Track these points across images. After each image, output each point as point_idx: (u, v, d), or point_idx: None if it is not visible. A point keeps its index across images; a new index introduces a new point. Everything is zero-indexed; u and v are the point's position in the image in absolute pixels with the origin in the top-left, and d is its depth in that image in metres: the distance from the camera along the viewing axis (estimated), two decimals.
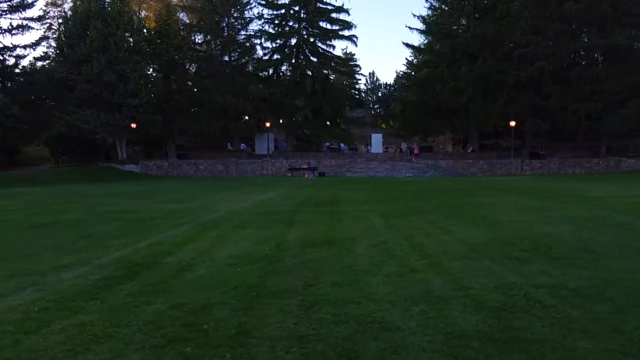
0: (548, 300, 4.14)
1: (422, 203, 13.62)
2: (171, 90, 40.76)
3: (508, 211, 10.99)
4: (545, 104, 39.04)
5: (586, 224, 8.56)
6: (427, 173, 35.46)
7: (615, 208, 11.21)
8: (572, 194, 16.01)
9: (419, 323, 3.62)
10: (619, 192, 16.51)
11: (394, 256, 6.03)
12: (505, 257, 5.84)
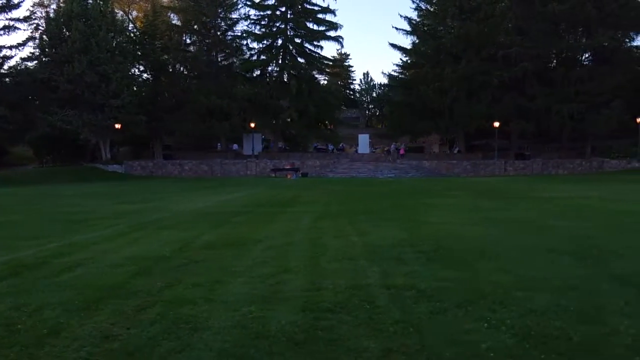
0: (383, 300, 4.23)
1: (374, 204, 13.72)
2: (157, 91, 40.89)
3: (449, 212, 11.08)
4: (529, 105, 39.08)
5: (511, 226, 8.66)
6: (409, 174, 35.53)
7: (554, 210, 11.30)
8: (531, 195, 16.09)
9: (234, 323, 3.71)
10: (577, 193, 16.59)
11: (281, 257, 6.13)
12: (391, 259, 5.93)
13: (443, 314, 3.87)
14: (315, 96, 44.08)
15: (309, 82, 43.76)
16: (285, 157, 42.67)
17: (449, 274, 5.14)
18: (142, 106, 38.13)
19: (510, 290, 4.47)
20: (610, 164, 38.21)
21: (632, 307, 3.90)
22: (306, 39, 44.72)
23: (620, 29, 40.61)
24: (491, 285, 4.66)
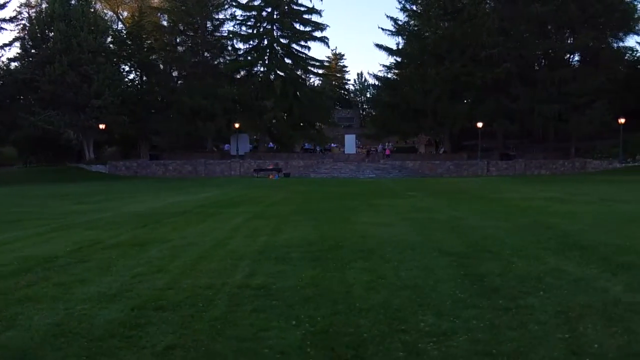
0: (220, 300, 4.35)
1: (324, 204, 13.82)
2: (142, 91, 41.04)
3: (384, 213, 11.17)
4: (512, 106, 39.13)
5: (425, 226, 8.77)
6: (390, 174, 35.64)
7: (488, 211, 11.39)
8: (487, 196, 16.15)
9: (57, 321, 3.84)
10: (538, 194, 16.65)
11: (169, 257, 6.25)
12: (274, 259, 6.03)
13: (232, 312, 3.98)
14: (301, 97, 44.24)
15: (294, 82, 43.88)
16: (272, 157, 42.77)
17: (315, 273, 5.26)
18: (126, 106, 38.32)
19: (352, 290, 4.59)
20: (592, 165, 38.28)
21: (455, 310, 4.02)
22: (292, 39, 44.83)
23: (603, 30, 40.64)
24: (342, 286, 4.78)
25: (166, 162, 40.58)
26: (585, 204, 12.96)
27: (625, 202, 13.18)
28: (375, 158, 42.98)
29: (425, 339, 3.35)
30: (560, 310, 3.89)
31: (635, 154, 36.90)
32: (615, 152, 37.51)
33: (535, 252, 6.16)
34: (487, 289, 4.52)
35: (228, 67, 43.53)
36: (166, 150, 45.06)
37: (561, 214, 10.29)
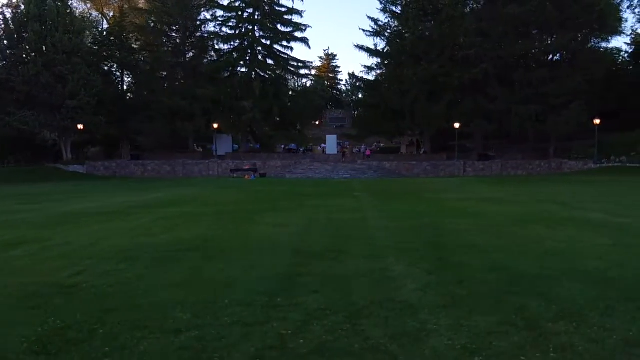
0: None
1: (259, 205, 13.94)
2: (121, 92, 41.18)
3: (300, 214, 11.25)
4: (490, 106, 39.22)
5: (321, 226, 8.90)
6: (365, 175, 35.74)
7: (406, 211, 11.52)
8: (428, 196, 16.21)
9: None
10: (478, 194, 16.78)
11: (29, 256, 6.41)
12: (125, 259, 6.16)
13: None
14: (282, 97, 44.38)
15: (275, 83, 43.99)
16: (252, 157, 42.83)
17: (139, 272, 5.40)
18: (104, 107, 38.53)
19: (149, 289, 4.73)
20: (568, 165, 38.38)
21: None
22: (272, 40, 44.96)
23: (581, 31, 40.68)
24: (141, 282, 4.93)
25: (145, 163, 40.74)
26: (515, 205, 13.06)
27: (557, 203, 13.28)
28: (355, 158, 43.11)
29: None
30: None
31: (610, 155, 37.02)
32: (591, 153, 37.60)
33: (379, 251, 6.30)
34: (279, 288, 4.64)
35: (208, 68, 43.66)
36: (149, 150, 45.27)
37: (470, 215, 10.42)
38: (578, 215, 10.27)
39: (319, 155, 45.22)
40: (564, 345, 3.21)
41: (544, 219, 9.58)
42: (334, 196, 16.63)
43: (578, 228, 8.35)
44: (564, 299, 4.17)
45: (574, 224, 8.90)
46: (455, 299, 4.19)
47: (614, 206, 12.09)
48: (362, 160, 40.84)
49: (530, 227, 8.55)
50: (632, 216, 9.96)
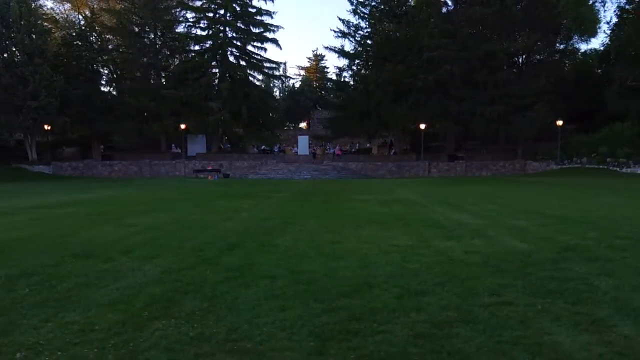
0: None
1: (163, 205, 14.08)
2: (89, 92, 41.34)
3: (177, 214, 11.41)
4: (454, 107, 39.33)
5: (153, 227, 9.04)
6: (327, 175, 35.88)
7: (277, 212, 11.66)
8: (340, 197, 16.35)
9: None
10: (402, 195, 16.90)
11: None
12: None
13: None
14: (252, 98, 44.48)
15: (244, 84, 44.13)
16: (222, 158, 42.95)
17: None
18: (71, 107, 38.75)
19: None
20: (532, 166, 38.53)
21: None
22: (242, 41, 45.13)
23: (546, 33, 40.75)
24: None
25: (112, 163, 40.97)
26: (402, 205, 13.14)
27: (444, 203, 13.42)
28: (325, 159, 43.24)
29: None
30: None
31: (573, 156, 37.15)
32: (554, 154, 37.73)
33: (151, 251, 6.45)
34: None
35: (177, 69, 43.83)
36: (123, 150, 45.38)
37: (336, 215, 10.57)
38: (431, 216, 10.42)
39: (289, 156, 45.35)
40: None
41: (398, 219, 9.72)
42: (252, 197, 16.70)
43: (406, 228, 8.49)
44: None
45: (412, 224, 9.05)
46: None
47: (479, 207, 12.18)
48: (328, 161, 40.96)
49: (368, 226, 8.70)
50: (481, 217, 10.11)
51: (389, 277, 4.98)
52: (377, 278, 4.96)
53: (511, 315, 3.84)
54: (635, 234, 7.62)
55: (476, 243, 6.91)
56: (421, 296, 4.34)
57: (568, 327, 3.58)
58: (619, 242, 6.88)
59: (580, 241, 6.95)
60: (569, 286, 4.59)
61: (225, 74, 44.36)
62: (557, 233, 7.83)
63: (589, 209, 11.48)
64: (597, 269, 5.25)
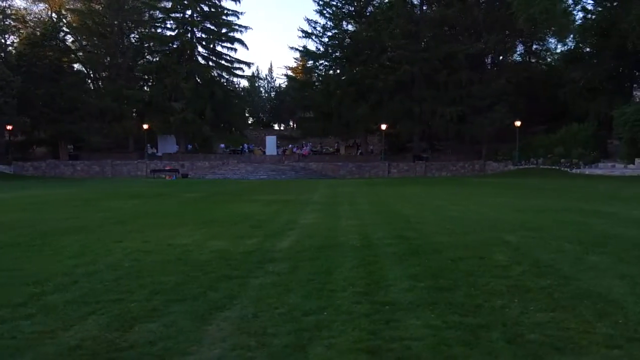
0: None
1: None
2: (53, 93, 41.36)
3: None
4: (416, 108, 39.40)
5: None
6: (284, 175, 35.94)
7: (171, 209, 11.75)
8: (247, 197, 16.45)
9: None
10: (295, 196, 17.00)
11: None
12: None
13: None
14: (218, 98, 44.52)
15: (208, 84, 44.17)
16: (189, 158, 42.97)
17: None
18: (34, 108, 38.80)
19: None
20: (492, 167, 38.63)
21: None
22: (207, 42, 45.24)
23: (507, 34, 40.90)
24: None
25: (75, 163, 41.03)
26: (281, 204, 13.26)
27: (333, 205, 13.52)
28: (291, 159, 43.28)
29: None
30: None
31: (530, 157, 37.23)
32: (513, 155, 37.82)
33: None
34: None
35: (143, 69, 43.90)
36: (93, 151, 45.27)
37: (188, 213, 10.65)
38: (283, 216, 10.51)
39: (256, 156, 45.35)
40: None
41: (245, 218, 9.81)
42: (140, 197, 16.63)
43: (226, 227, 8.58)
44: None
45: (242, 222, 9.14)
46: None
47: (354, 207, 12.28)
48: (289, 161, 41.04)
49: (193, 226, 8.79)
50: (337, 216, 10.20)
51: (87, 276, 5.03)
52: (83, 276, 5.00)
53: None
54: (423, 232, 7.70)
55: (249, 242, 6.97)
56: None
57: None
58: (389, 241, 6.96)
59: (361, 239, 7.04)
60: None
61: (191, 74, 44.35)
62: (362, 229, 7.96)
63: (466, 210, 11.47)
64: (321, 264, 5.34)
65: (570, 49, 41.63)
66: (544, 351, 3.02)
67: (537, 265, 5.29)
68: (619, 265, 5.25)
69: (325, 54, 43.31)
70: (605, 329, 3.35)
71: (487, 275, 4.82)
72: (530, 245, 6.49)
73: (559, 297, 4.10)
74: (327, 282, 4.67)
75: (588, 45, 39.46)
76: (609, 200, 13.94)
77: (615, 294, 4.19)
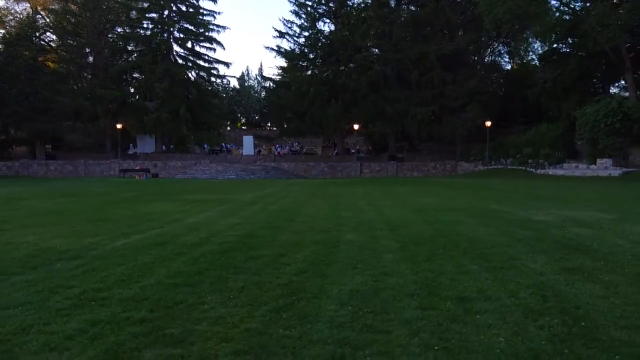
0: None
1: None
2: (25, 92, 41.43)
3: None
4: (389, 108, 39.42)
5: None
6: (253, 175, 35.96)
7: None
8: (185, 197, 16.51)
9: None
10: (257, 193, 17.07)
11: None
12: None
13: None
14: (193, 98, 44.58)
15: (183, 84, 44.21)
16: (165, 157, 42.96)
17: None
18: (8, 107, 38.89)
19: None
20: (463, 167, 38.68)
21: None
22: (183, 42, 45.28)
23: (481, 35, 40.93)
24: None
25: (48, 162, 41.07)
26: (194, 203, 13.33)
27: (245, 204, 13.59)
28: (267, 159, 43.33)
29: None
30: None
31: (500, 157, 37.28)
32: (483, 155, 37.89)
33: None
34: None
35: (118, 69, 43.92)
36: (76, 150, 45.23)
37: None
38: (173, 216, 10.57)
39: (232, 156, 45.43)
40: None
41: (138, 218, 9.88)
42: (100, 196, 16.81)
43: (97, 223, 8.65)
44: None
45: (121, 221, 9.20)
46: None
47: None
48: (262, 161, 41.10)
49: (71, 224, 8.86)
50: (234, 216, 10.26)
51: None
52: None
53: None
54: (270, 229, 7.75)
55: (85, 241, 7.02)
56: None
57: None
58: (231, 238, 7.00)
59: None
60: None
61: (166, 74, 44.34)
62: (229, 228, 8.01)
63: (373, 210, 11.49)
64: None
65: (545, 49, 41.64)
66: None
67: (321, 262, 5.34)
68: (403, 263, 5.31)
69: (301, 54, 43.36)
70: None
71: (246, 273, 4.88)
72: (356, 244, 6.54)
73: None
74: (98, 281, 4.73)
75: (563, 45, 39.41)
76: (532, 201, 13.89)
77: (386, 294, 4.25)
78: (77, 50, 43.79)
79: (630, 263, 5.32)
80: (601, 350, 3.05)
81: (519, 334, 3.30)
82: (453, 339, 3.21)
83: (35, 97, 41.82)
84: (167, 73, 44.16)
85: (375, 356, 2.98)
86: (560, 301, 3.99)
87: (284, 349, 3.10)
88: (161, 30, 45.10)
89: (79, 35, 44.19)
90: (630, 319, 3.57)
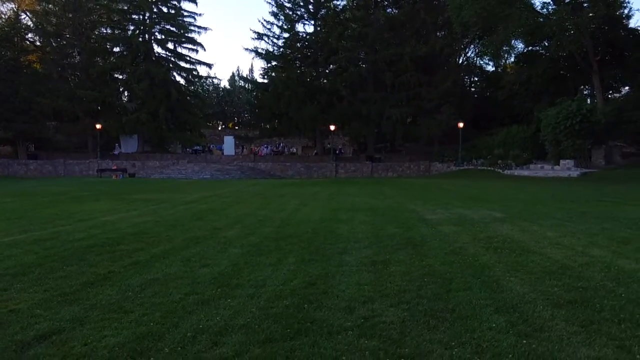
0: None
1: None
2: (7, 93, 41.86)
3: None
4: (364, 109, 39.92)
5: None
6: (228, 175, 36.42)
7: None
8: (134, 197, 17.02)
9: None
10: (208, 193, 17.56)
11: None
12: None
13: None
14: (172, 98, 45.00)
15: (163, 85, 44.63)
16: (145, 157, 43.42)
17: None
18: None
19: None
20: (436, 167, 39.20)
21: None
22: (163, 42, 45.78)
23: (454, 37, 41.40)
24: None
25: (28, 162, 41.52)
26: (139, 202, 13.82)
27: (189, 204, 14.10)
28: (247, 159, 43.81)
29: None
30: None
31: (472, 158, 37.81)
32: (456, 156, 38.40)
33: None
34: None
35: (97, 69, 44.34)
36: (59, 150, 45.64)
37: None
38: (108, 216, 11.08)
39: (212, 156, 45.90)
40: None
41: (71, 216, 10.38)
42: (54, 195, 17.27)
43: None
44: None
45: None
46: None
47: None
48: (239, 162, 41.59)
49: None
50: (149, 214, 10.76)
51: None
52: None
53: None
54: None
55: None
56: None
57: None
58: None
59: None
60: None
61: (146, 74, 44.78)
62: (129, 227, 8.53)
63: (294, 209, 12.02)
64: None
65: (520, 52, 42.12)
66: None
67: None
68: (242, 258, 5.83)
69: (280, 56, 43.84)
70: None
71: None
72: (221, 242, 7.06)
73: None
74: None
75: (538, 47, 39.86)
76: (457, 201, 14.35)
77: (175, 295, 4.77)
78: (59, 51, 44.20)
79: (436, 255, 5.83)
80: None
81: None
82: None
83: (16, 98, 42.29)
84: (147, 74, 44.60)
85: None
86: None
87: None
88: (142, 31, 45.59)
89: (60, 37, 44.70)
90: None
